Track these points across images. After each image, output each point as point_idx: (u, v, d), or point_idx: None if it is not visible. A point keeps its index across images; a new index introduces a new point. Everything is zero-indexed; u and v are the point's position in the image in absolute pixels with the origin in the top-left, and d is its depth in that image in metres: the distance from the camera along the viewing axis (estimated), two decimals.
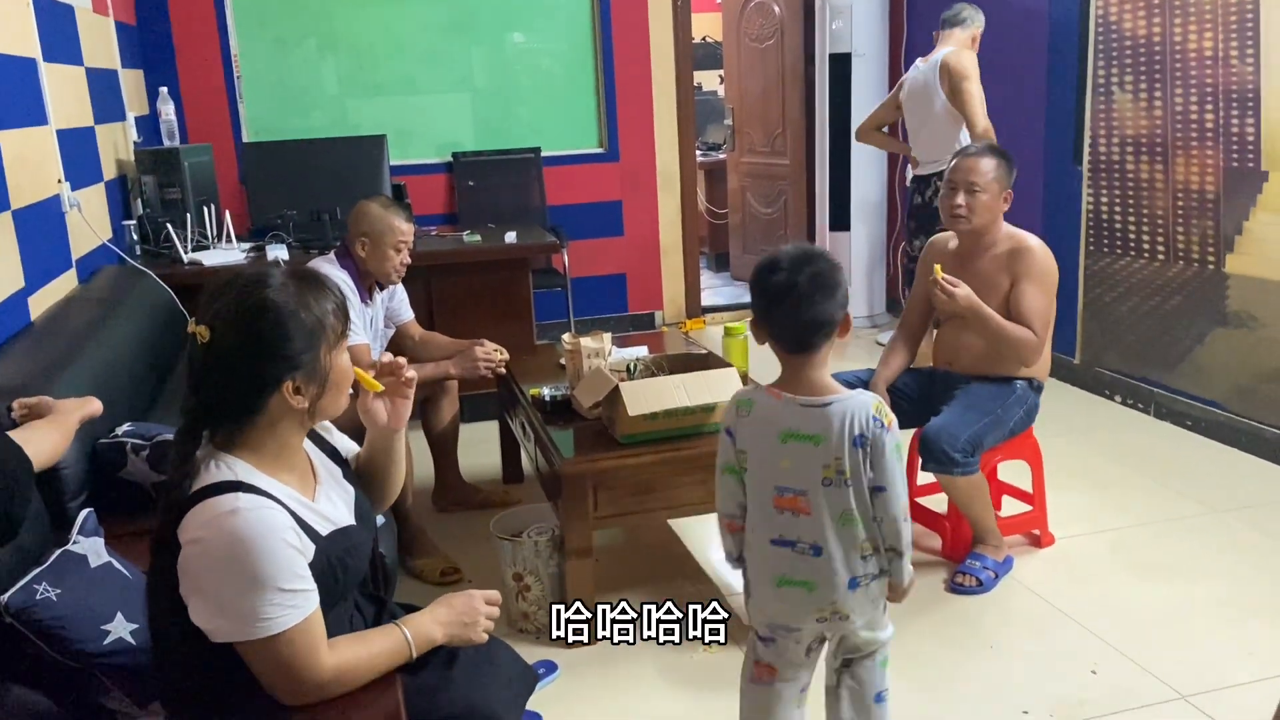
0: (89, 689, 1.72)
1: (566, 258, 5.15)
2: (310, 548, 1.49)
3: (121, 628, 1.75)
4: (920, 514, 3.22)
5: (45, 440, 1.96)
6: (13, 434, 1.84)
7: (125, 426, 2.39)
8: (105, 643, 1.72)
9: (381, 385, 1.71)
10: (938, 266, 2.87)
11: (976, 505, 2.90)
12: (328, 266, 3.12)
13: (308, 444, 1.66)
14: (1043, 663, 2.56)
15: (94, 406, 2.20)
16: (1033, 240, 2.93)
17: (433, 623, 1.64)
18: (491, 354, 3.27)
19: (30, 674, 1.68)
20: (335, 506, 1.62)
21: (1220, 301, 3.84)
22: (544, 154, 5.58)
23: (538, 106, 5.63)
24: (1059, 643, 2.65)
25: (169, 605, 1.46)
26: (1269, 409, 3.68)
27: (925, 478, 3.05)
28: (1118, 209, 4.30)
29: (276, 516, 1.44)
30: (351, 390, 1.61)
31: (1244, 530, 3.18)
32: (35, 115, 3.14)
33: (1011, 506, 3.28)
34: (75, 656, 1.70)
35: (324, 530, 1.55)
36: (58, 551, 1.80)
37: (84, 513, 1.94)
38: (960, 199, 2.90)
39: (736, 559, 1.96)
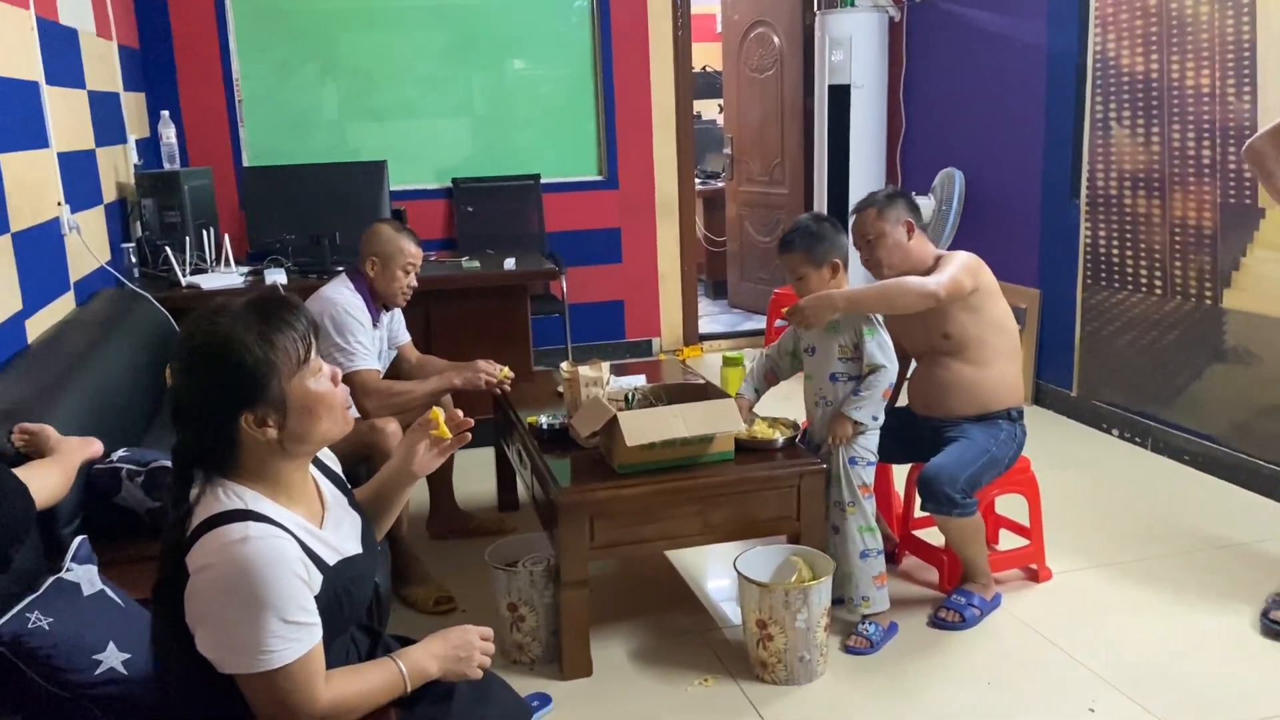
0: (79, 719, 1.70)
1: (565, 284, 5.15)
2: (318, 579, 1.48)
3: (113, 658, 1.73)
4: (918, 548, 3.21)
5: (47, 479, 1.97)
6: (17, 471, 1.83)
7: (120, 452, 2.37)
8: (97, 673, 1.70)
9: (450, 434, 1.74)
10: (785, 310, 2.90)
11: (971, 546, 2.89)
12: (342, 289, 3.13)
13: (314, 470, 1.65)
14: (1040, 699, 2.54)
15: (96, 448, 2.21)
16: (959, 252, 2.96)
17: (427, 656, 1.62)
18: (494, 368, 3.27)
19: (20, 703, 1.66)
20: (342, 534, 1.61)
21: (1217, 336, 3.84)
22: (543, 180, 5.60)
23: (537, 133, 5.66)
24: (1056, 679, 2.63)
25: (174, 634, 1.44)
26: (1266, 444, 3.68)
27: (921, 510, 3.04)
28: (1115, 243, 4.32)
29: (286, 547, 1.43)
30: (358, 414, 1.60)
31: (1241, 567, 3.17)
32: (36, 138, 3.14)
33: (1008, 540, 3.27)
34: (66, 686, 1.68)
35: (331, 560, 1.54)
36: (50, 579, 1.78)
37: (77, 540, 1.92)
38: (865, 255, 3.00)
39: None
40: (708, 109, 8.52)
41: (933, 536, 3.17)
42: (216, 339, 1.45)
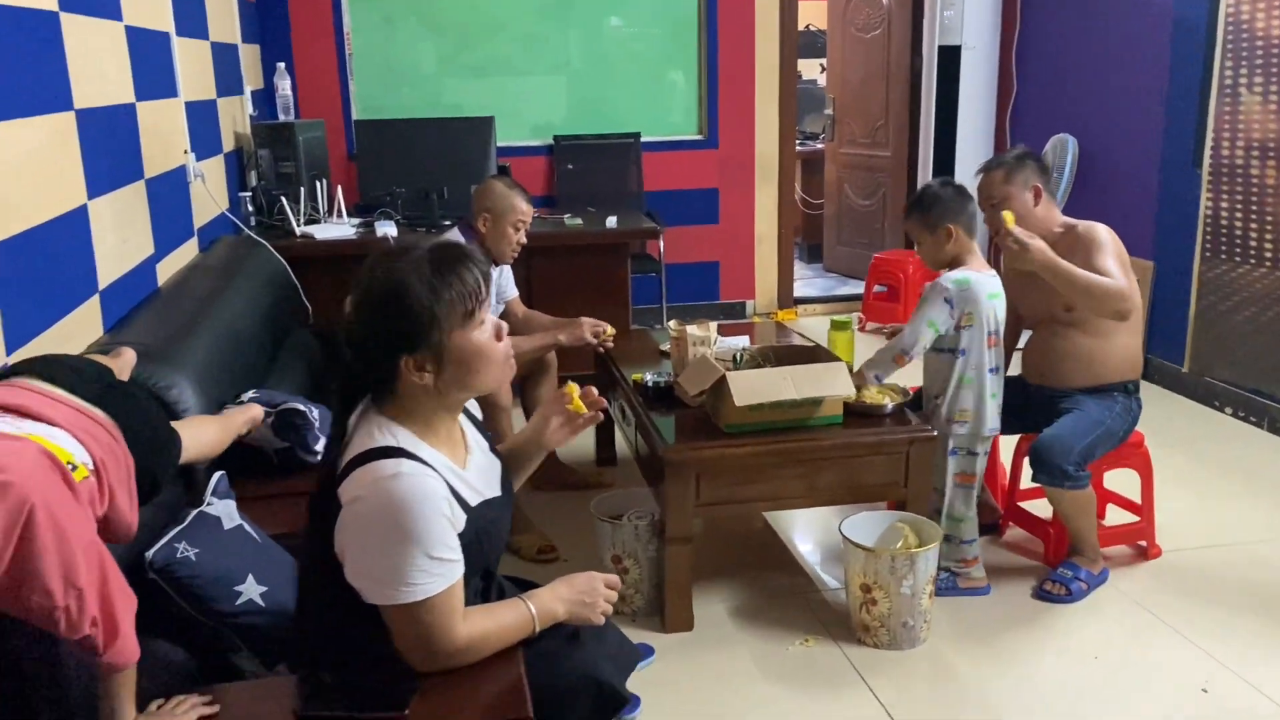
0: (221, 647, 1.79)
1: (662, 244, 5.15)
2: (461, 518, 1.54)
3: (252, 589, 1.81)
4: (1024, 519, 3.16)
5: (204, 432, 2.06)
6: (176, 424, 1.92)
7: (250, 393, 2.46)
8: (237, 603, 1.78)
9: (585, 409, 1.78)
10: (1008, 214, 2.77)
11: (1081, 520, 2.84)
12: None
13: (460, 415, 1.70)
14: (1151, 677, 2.50)
15: (256, 413, 2.28)
16: (1095, 224, 2.86)
17: (555, 599, 1.67)
18: (599, 326, 3.30)
19: (168, 630, 1.75)
20: (484, 477, 1.66)
21: None
22: (643, 139, 5.59)
23: (637, 91, 5.64)
24: (1167, 658, 2.58)
25: (322, 562, 1.51)
26: None
27: (1028, 482, 3.00)
28: (1239, 215, 4.15)
29: (435, 485, 1.49)
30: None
31: None
32: (167, 87, 3.24)
33: (1116, 516, 3.20)
34: (209, 615, 1.77)
35: (473, 501, 1.59)
36: (193, 512, 1.87)
37: (216, 475, 2.01)
38: (989, 219, 2.89)
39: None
40: (808, 69, 8.38)
41: (1038, 508, 3.12)
42: (390, 282, 1.50)
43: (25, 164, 2.12)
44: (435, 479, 1.50)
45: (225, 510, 1.91)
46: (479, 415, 1.81)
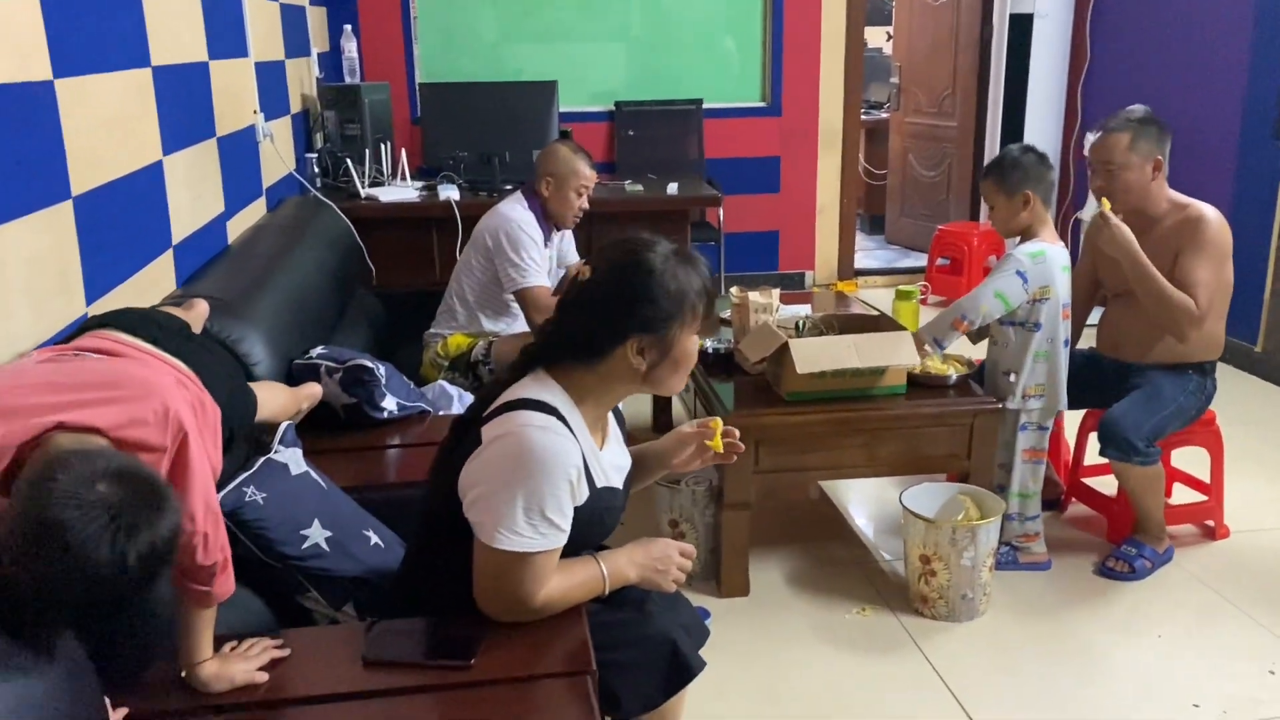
0: (289, 589, 1.83)
1: (721, 212, 5.12)
2: (584, 493, 1.57)
3: (318, 533, 1.85)
4: (1087, 496, 3.12)
5: (276, 397, 2.12)
6: (252, 385, 1.98)
7: (318, 350, 2.50)
8: (304, 546, 1.81)
9: (721, 449, 1.78)
10: (1105, 200, 2.71)
11: (1148, 497, 2.79)
12: (516, 206, 3.19)
13: None
14: (1215, 658, 2.46)
15: (316, 390, 2.33)
16: (1206, 209, 2.75)
17: (629, 563, 1.68)
18: None
19: (238, 573, 1.79)
20: (614, 467, 1.68)
21: None
22: (705, 106, 5.54)
23: (700, 57, 5.57)
24: (1233, 639, 2.54)
25: (447, 488, 1.57)
26: None
27: (1092, 457, 2.95)
28: None
29: (573, 452, 1.52)
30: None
31: None
32: (238, 47, 3.28)
33: (1183, 495, 3.14)
34: (277, 557, 1.80)
35: (599, 482, 1.61)
36: (261, 459, 1.90)
37: (284, 425, 2.05)
38: (1100, 182, 2.77)
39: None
40: (874, 36, 8.23)
41: (1102, 485, 3.08)
42: (648, 266, 1.55)
43: (106, 118, 2.16)
44: (575, 447, 1.53)
45: (292, 457, 1.94)
46: (623, 414, 1.83)
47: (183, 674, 1.47)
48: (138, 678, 1.49)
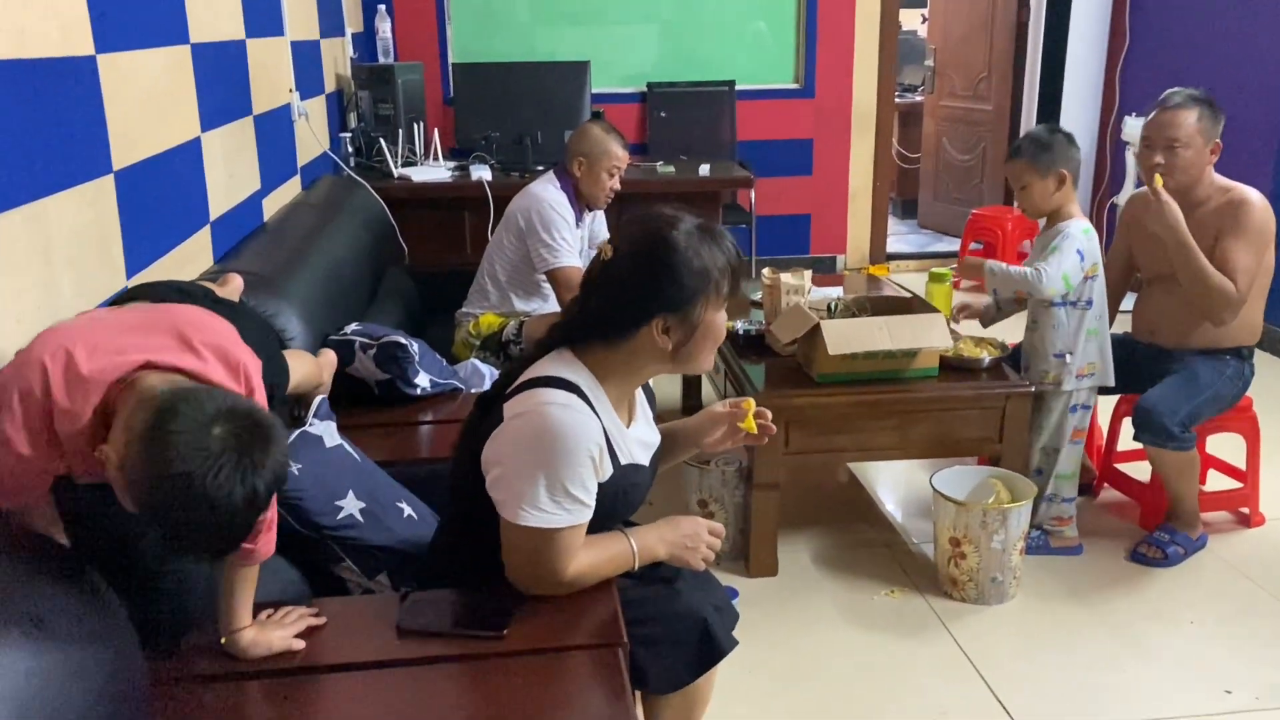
0: (324, 559, 1.85)
1: (754, 195, 5.10)
2: (608, 469, 1.57)
3: (352, 504, 1.87)
4: (1120, 481, 3.10)
5: (303, 363, 2.14)
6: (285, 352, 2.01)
7: (353, 326, 2.52)
8: (338, 517, 1.84)
9: (754, 431, 1.77)
10: (1159, 176, 2.67)
11: (1182, 483, 2.77)
12: (549, 186, 3.19)
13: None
14: (1248, 645, 2.44)
15: (332, 356, 2.36)
16: (1250, 193, 2.71)
17: (658, 540, 1.68)
18: None
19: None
20: (640, 445, 1.68)
21: None
22: (738, 87, 5.51)
23: (732, 38, 5.55)
24: (1265, 626, 2.51)
25: (468, 473, 1.58)
26: None
27: (1125, 443, 2.93)
28: None
29: (592, 427, 1.52)
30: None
31: None
32: (274, 26, 3.30)
33: (1218, 481, 3.11)
34: (312, 527, 1.82)
35: (624, 459, 1.61)
36: (296, 431, 1.93)
37: (318, 399, 2.07)
38: (1159, 158, 2.70)
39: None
40: (909, 19, 8.14)
41: (1135, 470, 3.05)
42: (673, 243, 1.52)
43: (146, 94, 2.18)
44: (596, 424, 1.53)
45: (326, 430, 1.96)
46: (653, 390, 1.84)
47: (222, 640, 1.50)
48: (177, 642, 1.52)
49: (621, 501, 1.63)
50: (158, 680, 1.40)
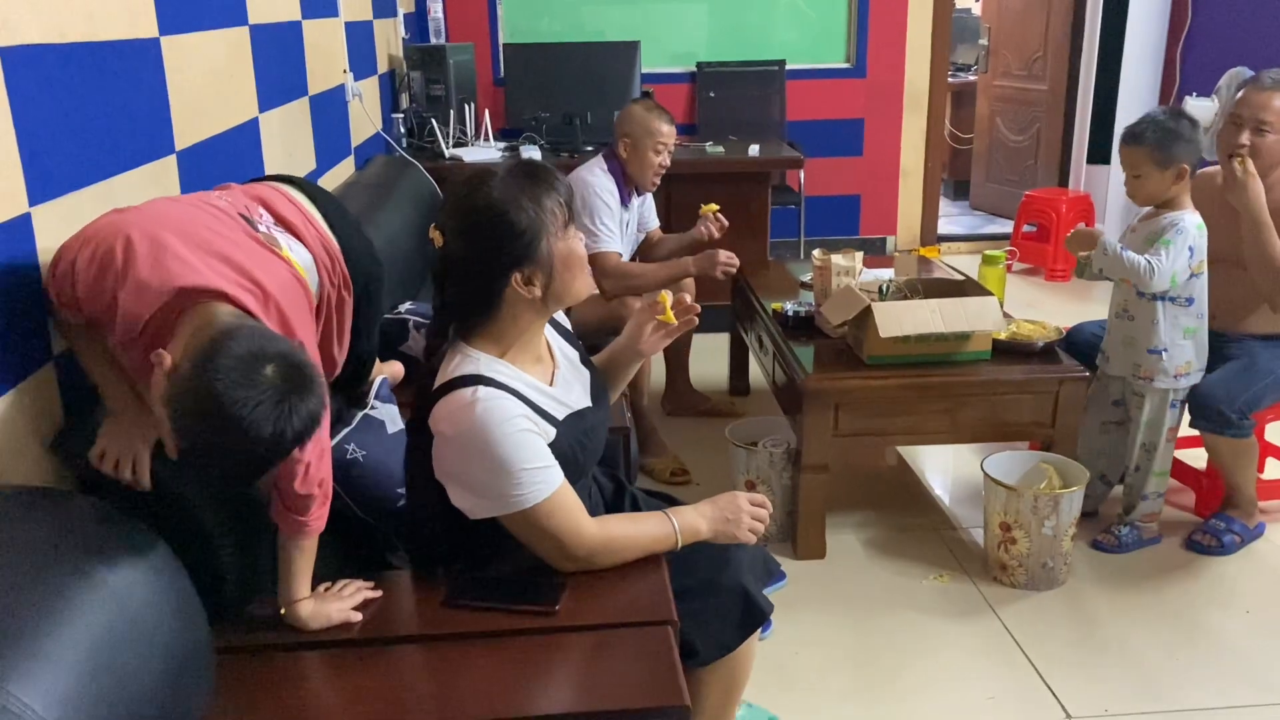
0: (379, 545, 1.88)
1: (803, 175, 5.07)
2: (550, 431, 1.59)
3: None
4: (1175, 469, 3.04)
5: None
6: None
7: (406, 305, 2.55)
8: (399, 505, 1.86)
9: (675, 320, 1.79)
10: (1244, 152, 2.60)
11: (1240, 470, 2.72)
12: (596, 169, 3.20)
13: (548, 330, 1.75)
14: None
15: (397, 369, 2.37)
16: None
17: (699, 517, 1.70)
18: (732, 260, 3.25)
19: (333, 527, 1.84)
20: (572, 390, 1.71)
21: None
22: (789, 67, 5.47)
23: (783, 17, 5.51)
24: None
25: (424, 482, 1.61)
26: None
27: (1182, 429, 2.88)
28: None
29: (509, 405, 1.54)
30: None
31: None
32: (329, 7, 3.33)
33: (1277, 469, 3.06)
34: (373, 514, 1.85)
35: (560, 414, 1.63)
36: (359, 414, 1.95)
37: (379, 380, 2.09)
38: (1245, 138, 2.63)
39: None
40: None
41: (1190, 458, 3.01)
42: (493, 202, 1.54)
43: (207, 75, 2.22)
44: (509, 399, 1.54)
45: (389, 414, 1.98)
46: (568, 326, 1.85)
47: (281, 611, 1.54)
48: (240, 609, 1.56)
49: (580, 452, 1.66)
50: (222, 649, 1.44)
